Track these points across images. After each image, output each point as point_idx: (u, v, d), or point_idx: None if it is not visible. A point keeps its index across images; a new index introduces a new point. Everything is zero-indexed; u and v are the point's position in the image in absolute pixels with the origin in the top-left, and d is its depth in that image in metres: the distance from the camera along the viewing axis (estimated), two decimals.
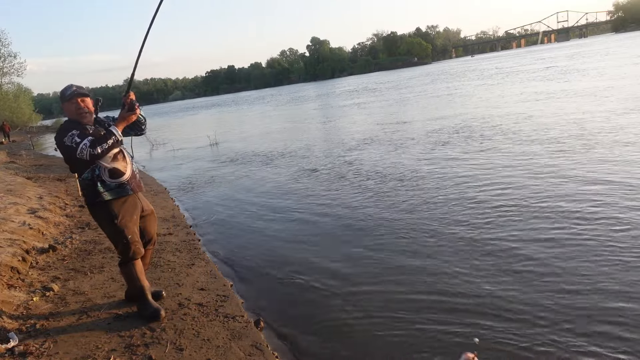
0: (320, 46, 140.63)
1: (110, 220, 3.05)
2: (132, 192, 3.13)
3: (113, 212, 3.03)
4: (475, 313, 3.17)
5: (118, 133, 2.96)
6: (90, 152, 2.82)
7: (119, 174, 3.06)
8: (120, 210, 3.06)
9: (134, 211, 3.16)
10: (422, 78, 44.74)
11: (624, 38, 68.14)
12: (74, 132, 2.89)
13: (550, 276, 3.51)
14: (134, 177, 3.17)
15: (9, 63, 42.91)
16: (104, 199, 3.01)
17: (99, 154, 2.86)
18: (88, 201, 3.08)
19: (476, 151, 8.43)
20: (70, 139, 2.87)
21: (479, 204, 5.42)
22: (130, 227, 3.11)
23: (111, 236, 3.15)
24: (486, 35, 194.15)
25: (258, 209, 6.70)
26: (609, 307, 3.03)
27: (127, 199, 3.12)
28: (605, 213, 4.59)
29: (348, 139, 12.46)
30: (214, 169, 10.90)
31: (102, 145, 2.86)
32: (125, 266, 3.19)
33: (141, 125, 3.29)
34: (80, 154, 2.83)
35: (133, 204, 3.16)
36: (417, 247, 4.44)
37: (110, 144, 2.90)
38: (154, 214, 3.42)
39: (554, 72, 25.19)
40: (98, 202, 3.02)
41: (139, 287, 3.25)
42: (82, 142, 2.83)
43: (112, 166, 3.02)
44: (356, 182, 7.46)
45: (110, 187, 3.02)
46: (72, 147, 2.85)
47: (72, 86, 3.08)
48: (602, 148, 7.20)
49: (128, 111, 3.04)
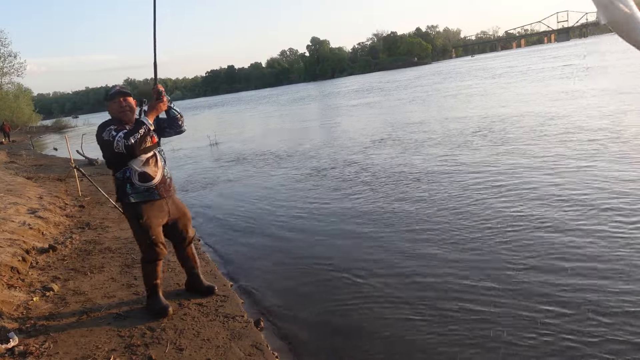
0: (320, 46, 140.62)
1: (135, 219, 3.15)
2: (159, 197, 3.19)
3: (139, 213, 3.13)
4: (467, 327, 3.17)
5: (148, 122, 3.02)
6: (125, 142, 2.92)
7: (149, 179, 3.13)
8: (145, 212, 3.14)
9: (159, 214, 3.22)
10: (432, 77, 43.69)
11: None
12: (111, 127, 3.03)
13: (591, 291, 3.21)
14: (163, 182, 3.23)
15: (9, 63, 42.95)
16: (130, 200, 3.11)
17: (133, 144, 2.94)
18: (118, 197, 3.22)
19: (512, 152, 7.80)
20: (107, 133, 3.00)
21: (500, 213, 4.99)
22: (154, 228, 3.18)
23: (136, 234, 3.25)
24: (486, 35, 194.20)
25: (258, 209, 6.70)
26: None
27: (153, 203, 3.19)
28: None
29: (363, 139, 11.95)
30: (214, 169, 10.89)
31: (134, 136, 2.94)
32: (148, 264, 3.27)
33: (178, 122, 3.37)
34: (117, 147, 2.94)
35: (159, 207, 3.22)
36: (422, 250, 4.44)
37: (142, 133, 2.97)
38: (186, 216, 3.47)
39: (575, 70, 23.94)
40: (126, 202, 3.15)
41: (152, 284, 3.34)
42: (117, 135, 2.95)
43: (142, 170, 3.10)
44: (373, 184, 7.40)
45: (139, 190, 3.11)
46: (110, 141, 2.97)
47: (116, 86, 3.25)
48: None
49: (156, 100, 3.12)
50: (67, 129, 47.18)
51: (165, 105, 3.17)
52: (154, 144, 3.22)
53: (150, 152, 3.16)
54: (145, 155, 3.11)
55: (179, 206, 3.42)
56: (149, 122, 3.02)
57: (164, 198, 3.23)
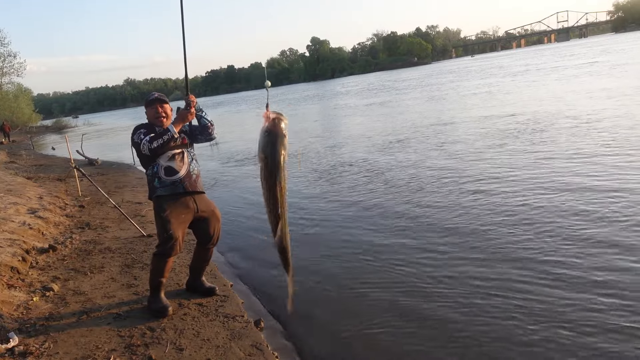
0: (320, 46, 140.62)
1: (158, 211, 3.28)
2: (183, 190, 3.29)
3: (162, 206, 3.26)
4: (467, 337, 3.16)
5: (173, 130, 3.14)
6: (149, 146, 3.12)
7: (174, 172, 3.28)
8: (169, 206, 3.25)
9: (183, 210, 3.29)
10: (444, 75, 41.84)
11: (636, 38, 63.56)
12: (141, 131, 3.28)
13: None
14: (188, 176, 3.34)
15: (8, 63, 43.03)
16: (158, 194, 3.28)
17: (154, 148, 3.13)
18: (149, 196, 3.40)
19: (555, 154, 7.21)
20: (137, 136, 3.25)
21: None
22: (174, 223, 3.24)
23: (157, 227, 3.33)
24: (486, 35, 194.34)
25: (259, 209, 6.69)
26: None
27: (178, 198, 3.29)
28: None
29: (383, 139, 11.41)
30: (215, 168, 10.89)
31: (157, 141, 3.12)
32: (159, 257, 3.29)
33: (208, 130, 3.44)
34: (142, 149, 3.17)
35: (184, 204, 3.30)
36: (430, 255, 4.44)
37: (166, 139, 3.12)
38: (215, 215, 3.50)
39: (602, 68, 22.98)
40: (154, 198, 3.32)
41: (158, 280, 3.35)
42: (144, 139, 3.16)
43: (167, 164, 3.28)
44: (389, 183, 7.41)
45: (165, 184, 3.27)
46: (138, 143, 3.21)
47: (155, 93, 3.47)
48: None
49: (185, 109, 3.22)
50: (67, 129, 47.13)
51: (193, 115, 3.28)
52: (183, 144, 3.38)
53: (178, 149, 3.33)
54: (172, 151, 3.28)
55: (208, 204, 3.48)
56: (174, 130, 3.14)
57: (189, 193, 3.32)
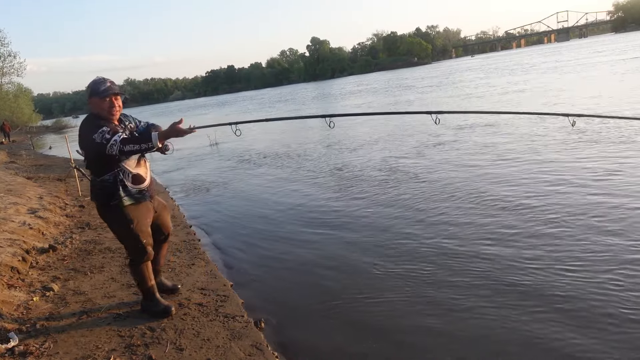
0: (320, 46, 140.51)
1: (125, 224, 3.04)
2: (150, 199, 3.16)
3: (129, 217, 3.02)
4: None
5: (156, 142, 2.76)
6: (120, 147, 2.72)
7: (141, 180, 3.07)
8: (135, 215, 3.05)
9: (148, 215, 3.18)
10: (467, 73, 39.85)
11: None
12: (104, 129, 2.78)
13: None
14: (151, 183, 3.20)
15: (8, 63, 42.93)
16: (124, 203, 2.98)
17: (126, 152, 2.77)
18: (102, 201, 3.02)
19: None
20: (100, 136, 2.76)
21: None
22: (145, 231, 3.13)
23: (124, 239, 3.16)
24: (486, 35, 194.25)
25: (259, 209, 6.69)
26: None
27: (143, 205, 3.13)
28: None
29: (426, 139, 10.31)
30: (215, 168, 10.90)
31: (131, 145, 2.75)
32: (137, 267, 3.20)
33: (166, 151, 3.08)
34: (110, 150, 2.74)
35: (147, 208, 3.17)
36: (435, 258, 4.43)
37: (143, 148, 2.77)
38: (165, 207, 3.44)
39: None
40: (114, 205, 2.98)
41: (149, 286, 3.29)
42: (112, 139, 2.74)
43: (136, 172, 3.02)
44: (411, 186, 7.41)
45: (131, 193, 3.01)
46: (103, 144, 2.75)
47: (107, 81, 2.95)
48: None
49: (183, 129, 2.84)
50: (67, 129, 47.10)
51: (183, 134, 2.84)
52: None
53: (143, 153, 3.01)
54: (136, 155, 3.00)
55: (159, 200, 3.39)
56: (156, 142, 2.76)
57: (152, 199, 3.23)
